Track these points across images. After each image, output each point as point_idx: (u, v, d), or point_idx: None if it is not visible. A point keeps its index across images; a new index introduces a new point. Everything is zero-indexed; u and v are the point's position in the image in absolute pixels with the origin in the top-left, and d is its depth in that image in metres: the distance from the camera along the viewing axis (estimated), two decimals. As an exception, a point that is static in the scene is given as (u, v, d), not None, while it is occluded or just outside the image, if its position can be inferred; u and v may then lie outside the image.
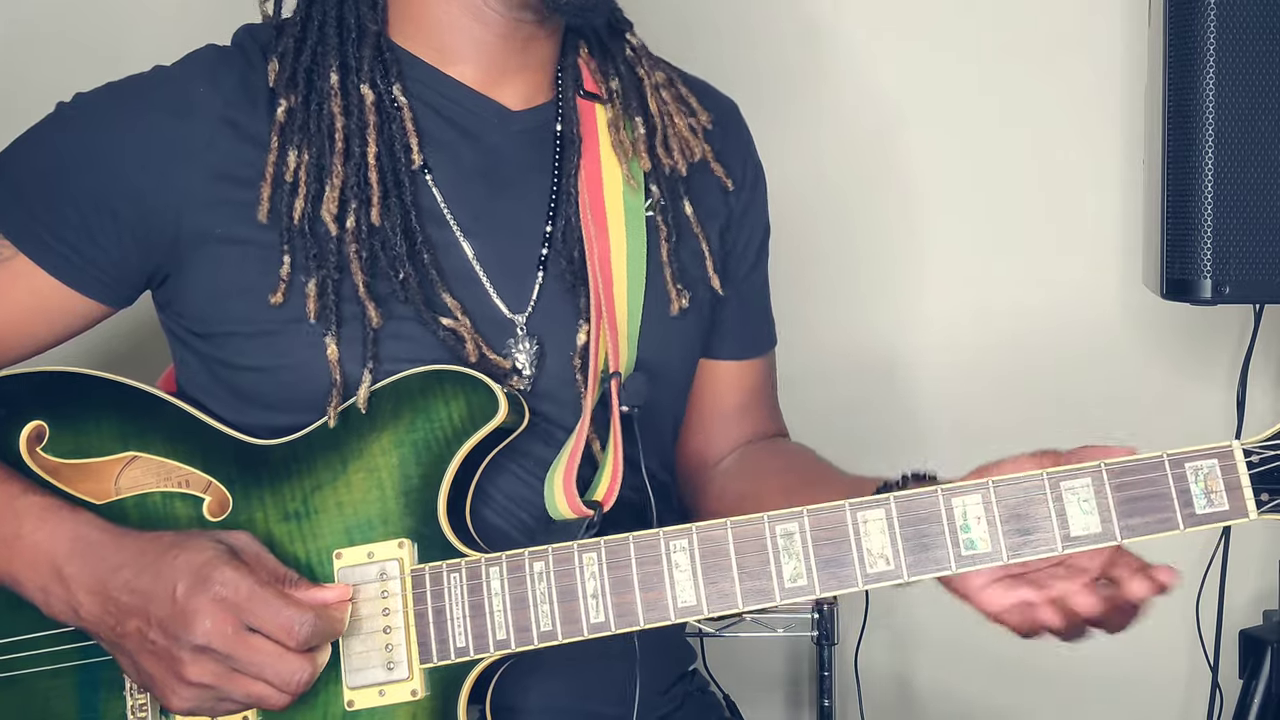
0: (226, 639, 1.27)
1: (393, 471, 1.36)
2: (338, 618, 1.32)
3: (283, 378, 1.40)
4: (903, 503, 1.26)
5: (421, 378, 1.37)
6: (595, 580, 1.30)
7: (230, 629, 1.27)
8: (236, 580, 1.28)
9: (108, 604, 1.32)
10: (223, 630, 1.26)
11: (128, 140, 1.41)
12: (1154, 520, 1.23)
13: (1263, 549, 2.42)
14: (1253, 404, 2.35)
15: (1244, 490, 1.22)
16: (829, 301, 2.43)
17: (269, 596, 1.28)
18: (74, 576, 1.33)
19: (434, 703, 1.33)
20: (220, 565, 1.28)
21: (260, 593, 1.28)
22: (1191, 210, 1.99)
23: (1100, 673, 2.41)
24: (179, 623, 1.27)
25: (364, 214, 1.41)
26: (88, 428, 1.42)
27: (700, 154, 1.56)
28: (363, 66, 1.44)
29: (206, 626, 1.26)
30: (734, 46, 2.40)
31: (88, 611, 1.33)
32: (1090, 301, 2.45)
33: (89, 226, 1.41)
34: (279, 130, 1.41)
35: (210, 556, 1.29)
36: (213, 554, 1.29)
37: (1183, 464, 1.23)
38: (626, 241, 1.50)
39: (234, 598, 1.27)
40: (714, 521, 1.30)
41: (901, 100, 2.43)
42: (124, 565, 1.32)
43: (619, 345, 1.46)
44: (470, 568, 1.33)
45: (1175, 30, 2.01)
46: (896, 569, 1.26)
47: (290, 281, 1.39)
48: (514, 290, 1.46)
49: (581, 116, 1.53)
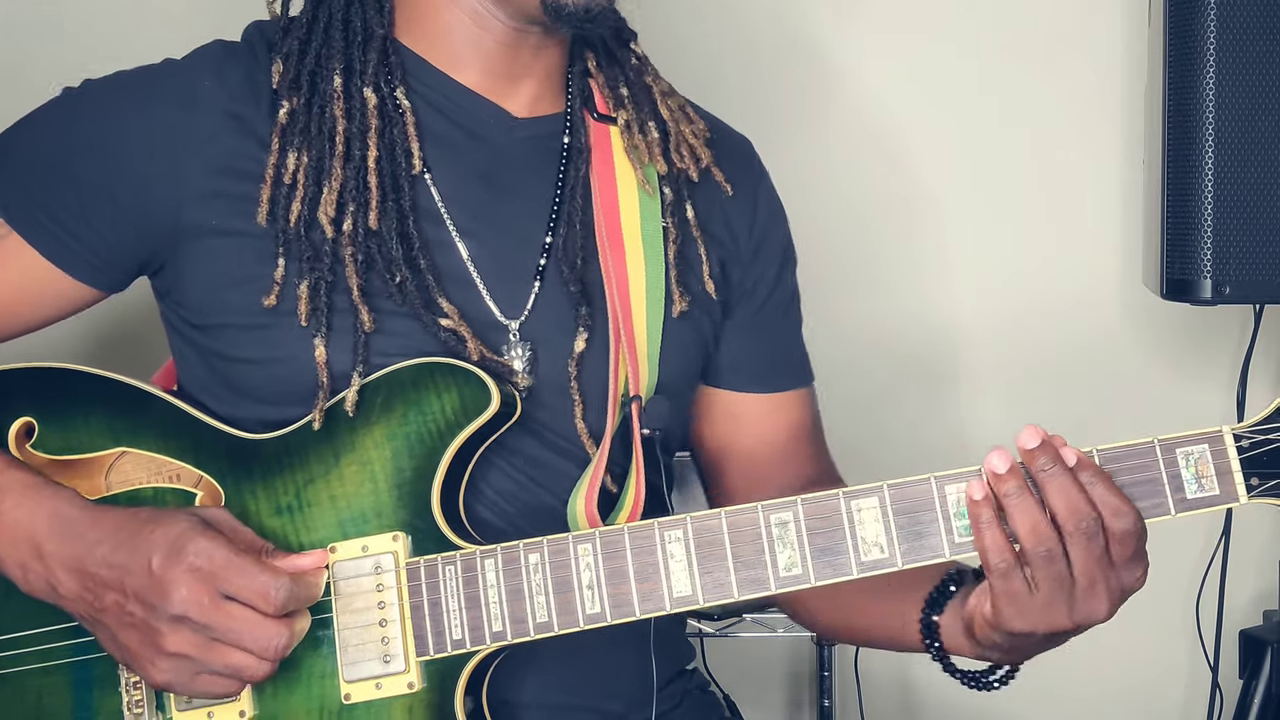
0: (203, 608, 1.26)
1: (386, 464, 1.36)
2: (314, 583, 1.32)
3: (275, 371, 1.40)
4: (896, 490, 1.26)
5: (413, 370, 1.37)
6: (590, 571, 1.30)
7: (206, 598, 1.26)
8: (211, 549, 1.28)
9: (85, 580, 1.31)
10: (199, 599, 1.26)
11: (133, 128, 1.42)
12: (1146, 505, 1.23)
13: (1263, 549, 2.42)
14: (1253, 404, 2.34)
15: (1234, 475, 1.22)
16: (829, 300, 2.42)
17: (244, 564, 1.28)
18: (53, 554, 1.33)
19: (430, 695, 1.33)
20: (194, 536, 1.28)
21: (235, 560, 1.28)
22: (1191, 210, 1.99)
23: (1101, 673, 2.40)
24: (155, 593, 1.27)
25: (361, 217, 1.41)
26: (77, 423, 1.42)
27: (706, 160, 1.56)
28: (367, 69, 1.45)
29: (183, 594, 1.26)
30: (734, 63, 2.40)
31: (66, 589, 1.33)
32: (1090, 302, 2.45)
33: (86, 210, 1.41)
34: (280, 132, 1.41)
35: (185, 528, 1.29)
36: (187, 525, 1.29)
37: (1174, 449, 1.23)
38: (645, 264, 1.49)
39: (209, 566, 1.27)
40: (709, 511, 1.29)
41: (901, 101, 2.43)
42: (101, 541, 1.31)
43: (639, 368, 1.46)
44: (465, 560, 1.32)
45: (1175, 30, 2.01)
46: (891, 557, 1.26)
47: (284, 282, 1.39)
48: (508, 295, 1.46)
49: (593, 135, 1.53)
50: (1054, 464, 1.21)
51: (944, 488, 1.25)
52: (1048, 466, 1.21)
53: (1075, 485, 1.21)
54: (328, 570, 1.34)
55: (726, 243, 1.59)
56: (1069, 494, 1.21)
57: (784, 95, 2.41)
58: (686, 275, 1.53)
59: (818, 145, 2.42)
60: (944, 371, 2.47)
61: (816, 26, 2.41)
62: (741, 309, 1.60)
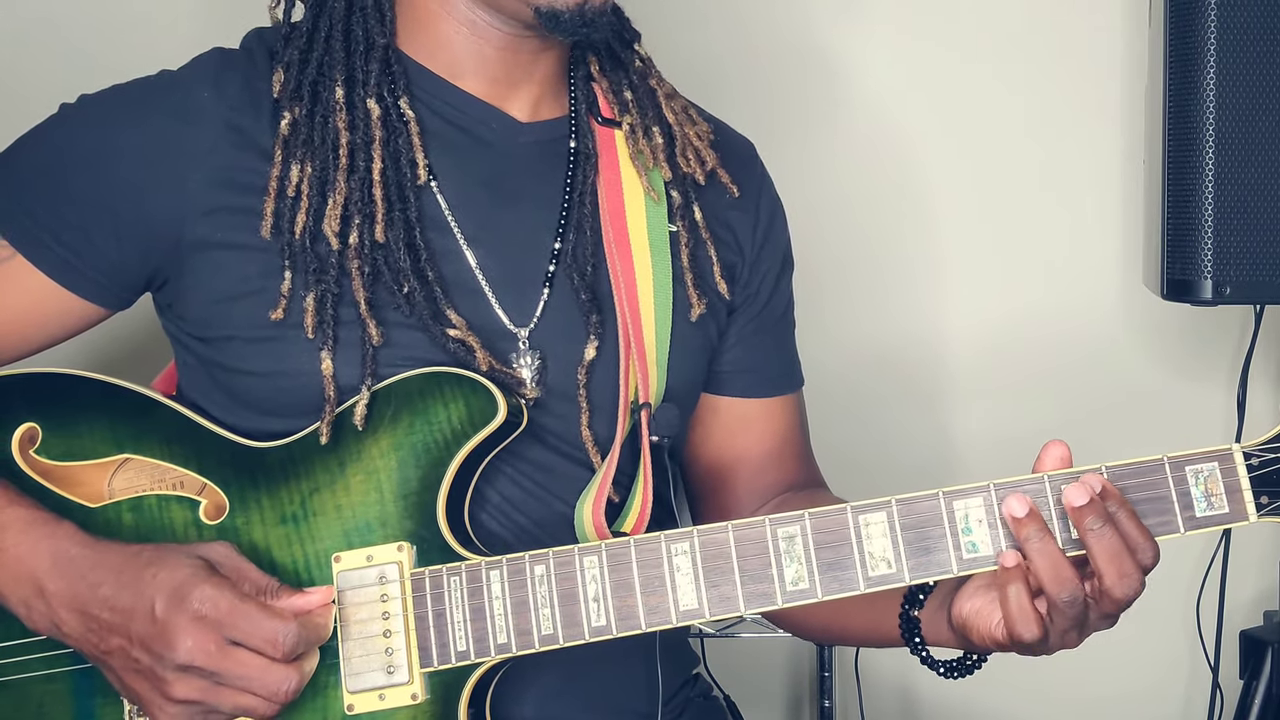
0: (210, 656, 1.26)
1: (391, 474, 1.36)
2: (321, 624, 1.32)
3: (280, 384, 1.40)
4: (904, 505, 1.26)
5: (420, 380, 1.37)
6: (596, 583, 1.30)
7: (213, 646, 1.26)
8: (216, 596, 1.27)
9: (89, 622, 1.31)
10: (205, 648, 1.26)
11: (131, 143, 1.41)
12: (1154, 523, 1.23)
13: (1263, 550, 2.42)
14: (1253, 404, 2.34)
15: (1244, 493, 1.22)
16: (827, 304, 2.42)
17: (250, 610, 1.27)
18: (55, 593, 1.32)
19: (434, 706, 1.32)
20: (198, 582, 1.27)
21: (241, 607, 1.27)
22: (1191, 210, 1.99)
23: (1101, 673, 2.40)
24: (160, 642, 1.27)
25: (367, 229, 1.40)
26: (80, 430, 1.42)
27: (712, 163, 1.56)
28: (369, 79, 1.44)
29: (188, 645, 1.26)
30: (735, 67, 2.39)
31: (70, 628, 1.32)
32: (1091, 302, 2.44)
33: (88, 228, 1.41)
34: (282, 144, 1.40)
35: (188, 574, 1.28)
36: (190, 571, 1.28)
37: (1183, 466, 1.23)
38: (653, 269, 1.49)
39: (214, 614, 1.26)
40: (715, 525, 1.29)
41: (901, 102, 2.43)
42: (103, 582, 1.31)
43: (648, 375, 1.46)
44: (470, 571, 1.32)
45: (1175, 30, 2.01)
46: (898, 572, 1.26)
47: (290, 295, 1.38)
48: (517, 302, 1.45)
49: (599, 139, 1.52)
50: (1042, 535, 1.23)
51: (952, 503, 1.25)
52: (1034, 539, 1.23)
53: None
54: (334, 605, 1.33)
55: (732, 245, 1.59)
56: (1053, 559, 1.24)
57: (785, 99, 2.40)
58: (699, 278, 1.53)
59: (818, 149, 2.41)
60: (944, 373, 2.47)
61: (817, 30, 2.41)
62: (744, 312, 1.60)
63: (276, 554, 1.36)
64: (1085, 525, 1.22)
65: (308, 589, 1.33)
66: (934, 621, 1.37)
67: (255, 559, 1.36)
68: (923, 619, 1.38)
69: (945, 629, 1.35)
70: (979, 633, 1.30)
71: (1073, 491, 1.22)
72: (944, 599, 1.35)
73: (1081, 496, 1.21)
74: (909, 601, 1.38)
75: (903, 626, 1.39)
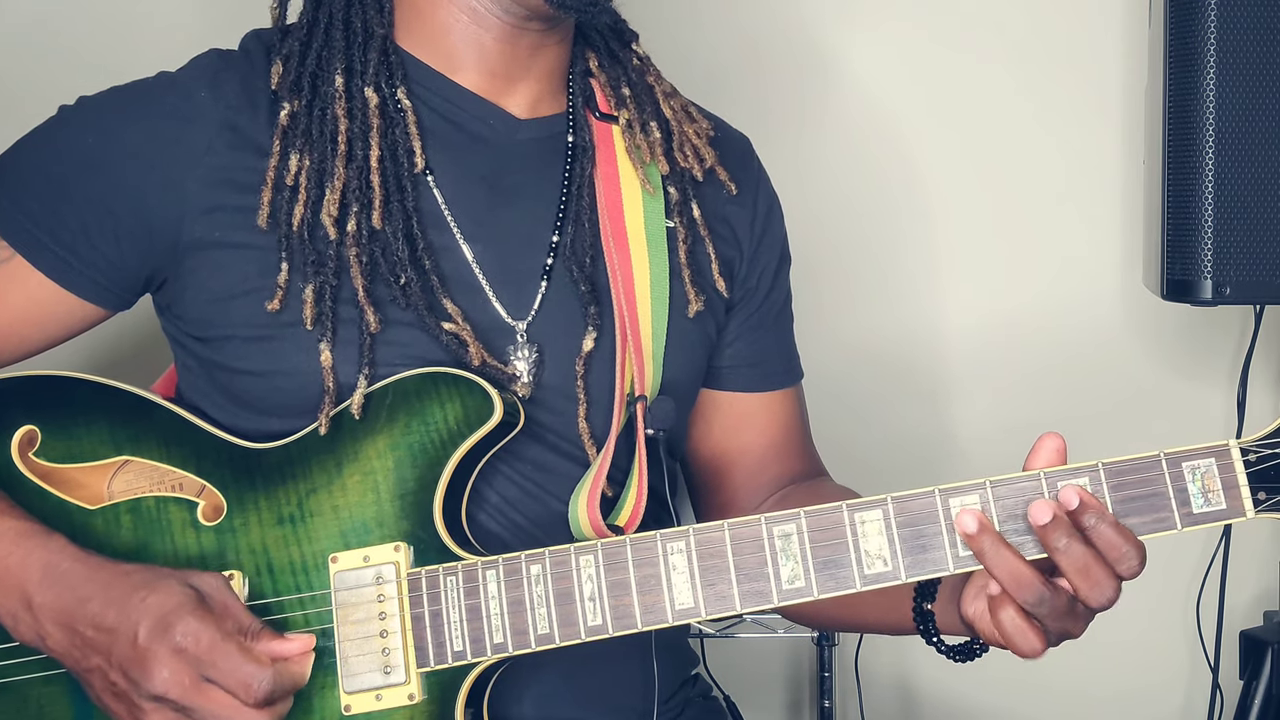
0: (184, 690, 1.25)
1: (388, 475, 1.36)
2: (298, 672, 1.31)
3: (278, 383, 1.40)
4: (900, 503, 1.26)
5: (417, 380, 1.37)
6: (592, 583, 1.30)
7: (188, 680, 1.25)
8: (199, 631, 1.26)
9: (74, 637, 1.31)
10: (180, 682, 1.25)
11: (129, 143, 1.41)
12: (1151, 520, 1.23)
13: (1263, 549, 2.42)
14: (1253, 404, 2.35)
15: (1241, 489, 1.22)
16: (825, 302, 2.42)
17: (230, 650, 1.26)
18: (42, 606, 1.32)
19: (431, 707, 1.32)
20: (184, 614, 1.27)
21: (221, 646, 1.26)
22: (1191, 210, 1.99)
23: (1101, 674, 2.40)
24: (138, 668, 1.26)
25: (365, 218, 1.40)
26: (79, 432, 1.42)
27: (710, 160, 1.56)
28: (368, 70, 1.44)
29: (165, 677, 1.25)
30: (733, 65, 2.39)
31: (54, 642, 1.32)
32: (1091, 302, 2.44)
33: (87, 229, 1.41)
34: (281, 134, 1.41)
35: (177, 603, 1.27)
36: (179, 600, 1.28)
37: (1180, 463, 1.23)
38: (649, 263, 1.49)
39: (194, 649, 1.25)
40: (711, 524, 1.29)
41: (900, 101, 2.43)
42: (91, 598, 1.30)
43: (645, 368, 1.46)
44: (467, 571, 1.32)
45: (1175, 30, 2.00)
46: (894, 570, 1.25)
47: (288, 288, 1.38)
48: (514, 296, 1.45)
49: (596, 134, 1.53)
50: (996, 547, 1.23)
51: (948, 501, 1.25)
52: (989, 551, 1.23)
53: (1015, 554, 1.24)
54: (313, 653, 1.33)
55: (730, 241, 1.59)
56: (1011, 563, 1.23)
57: (782, 97, 2.40)
58: (697, 275, 1.53)
59: (816, 146, 2.41)
60: (944, 372, 2.47)
61: (815, 28, 2.41)
62: (743, 307, 1.61)
63: (274, 555, 1.36)
64: (1050, 543, 1.21)
65: (289, 635, 1.32)
66: (947, 613, 1.38)
67: (253, 560, 1.36)
68: (936, 611, 1.39)
69: (957, 621, 1.35)
70: (985, 634, 1.31)
71: (1036, 510, 1.21)
72: (953, 593, 1.35)
73: (1044, 515, 1.21)
74: (921, 594, 1.39)
75: (917, 620, 1.39)
